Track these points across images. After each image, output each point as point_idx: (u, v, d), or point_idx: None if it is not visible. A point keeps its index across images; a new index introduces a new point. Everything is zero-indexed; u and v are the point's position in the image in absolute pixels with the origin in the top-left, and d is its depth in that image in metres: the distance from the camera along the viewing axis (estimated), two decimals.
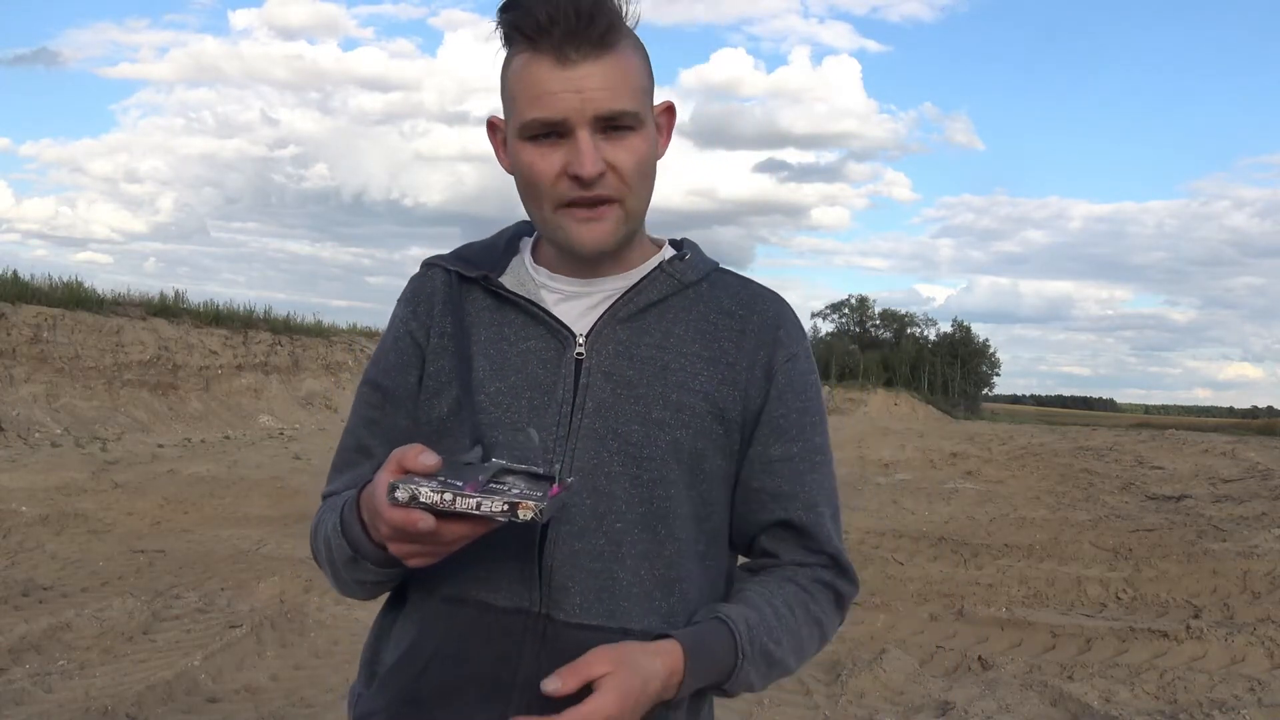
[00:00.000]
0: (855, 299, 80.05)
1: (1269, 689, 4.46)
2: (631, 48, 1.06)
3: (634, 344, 1.11)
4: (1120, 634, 5.33)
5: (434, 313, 1.15)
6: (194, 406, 17.44)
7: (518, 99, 1.04)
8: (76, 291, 17.35)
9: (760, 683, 1.09)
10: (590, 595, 1.06)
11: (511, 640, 1.06)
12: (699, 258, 1.18)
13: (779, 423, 1.13)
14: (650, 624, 1.07)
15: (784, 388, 1.13)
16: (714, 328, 1.13)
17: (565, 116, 1.01)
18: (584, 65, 1.01)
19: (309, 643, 4.72)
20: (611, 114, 1.02)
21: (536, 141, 1.04)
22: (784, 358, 1.14)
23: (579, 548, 1.06)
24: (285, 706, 3.91)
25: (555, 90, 1.01)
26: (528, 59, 1.02)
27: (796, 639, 1.10)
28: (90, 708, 3.71)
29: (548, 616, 1.06)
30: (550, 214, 1.06)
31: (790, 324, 1.17)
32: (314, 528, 1.15)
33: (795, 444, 1.13)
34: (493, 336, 1.12)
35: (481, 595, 1.07)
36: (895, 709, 4.18)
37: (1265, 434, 27.80)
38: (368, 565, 1.04)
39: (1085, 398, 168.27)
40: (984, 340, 79.29)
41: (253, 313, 21.32)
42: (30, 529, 7.14)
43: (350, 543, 1.04)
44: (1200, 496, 11.28)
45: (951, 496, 11.15)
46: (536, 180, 1.05)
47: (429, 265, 1.20)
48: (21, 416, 13.80)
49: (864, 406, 41.82)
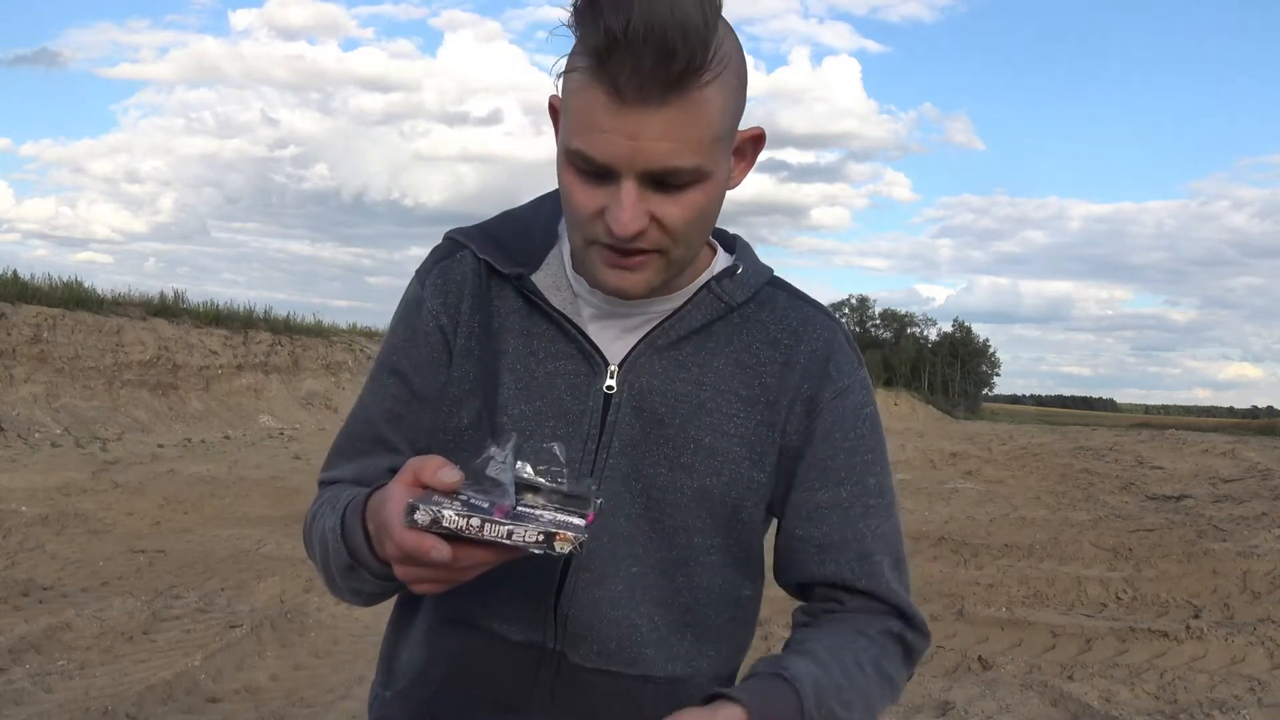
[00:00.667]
0: (855, 299, 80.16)
1: (1269, 689, 4.46)
2: (718, 85, 0.86)
3: (670, 378, 1.01)
4: (1120, 634, 5.33)
5: (462, 307, 1.04)
6: (194, 406, 17.44)
7: (570, 115, 0.89)
8: (76, 291, 17.35)
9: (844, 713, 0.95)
10: (610, 643, 1.01)
11: (526, 671, 1.02)
12: (750, 270, 1.05)
13: (825, 465, 1.02)
14: (672, 669, 1.02)
15: (830, 426, 1.02)
16: (756, 360, 1.03)
17: (611, 163, 0.87)
18: (644, 111, 0.84)
19: (309, 643, 4.71)
20: (665, 170, 0.87)
21: (579, 172, 0.90)
22: (831, 394, 1.02)
23: (599, 595, 1.00)
24: (285, 706, 3.91)
25: (606, 130, 0.85)
26: (587, 78, 0.85)
27: (867, 701, 0.97)
28: (90, 708, 3.70)
29: (563, 654, 1.01)
30: (581, 245, 0.95)
31: (841, 354, 1.05)
32: (309, 519, 1.05)
33: (844, 487, 1.03)
34: (520, 350, 1.02)
35: (493, 625, 1.02)
36: (895, 709, 4.18)
37: (1265, 434, 27.80)
38: (366, 576, 0.93)
39: (1085, 398, 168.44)
40: (984, 340, 79.39)
41: (253, 313, 21.32)
42: (30, 529, 7.14)
43: (350, 550, 0.93)
44: (1200, 496, 11.28)
45: (951, 496, 11.15)
46: (573, 207, 0.92)
47: (456, 244, 1.07)
48: (21, 416, 13.80)
49: None
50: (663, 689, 1.02)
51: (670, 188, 0.89)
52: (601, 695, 1.01)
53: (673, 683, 1.03)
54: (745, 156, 0.99)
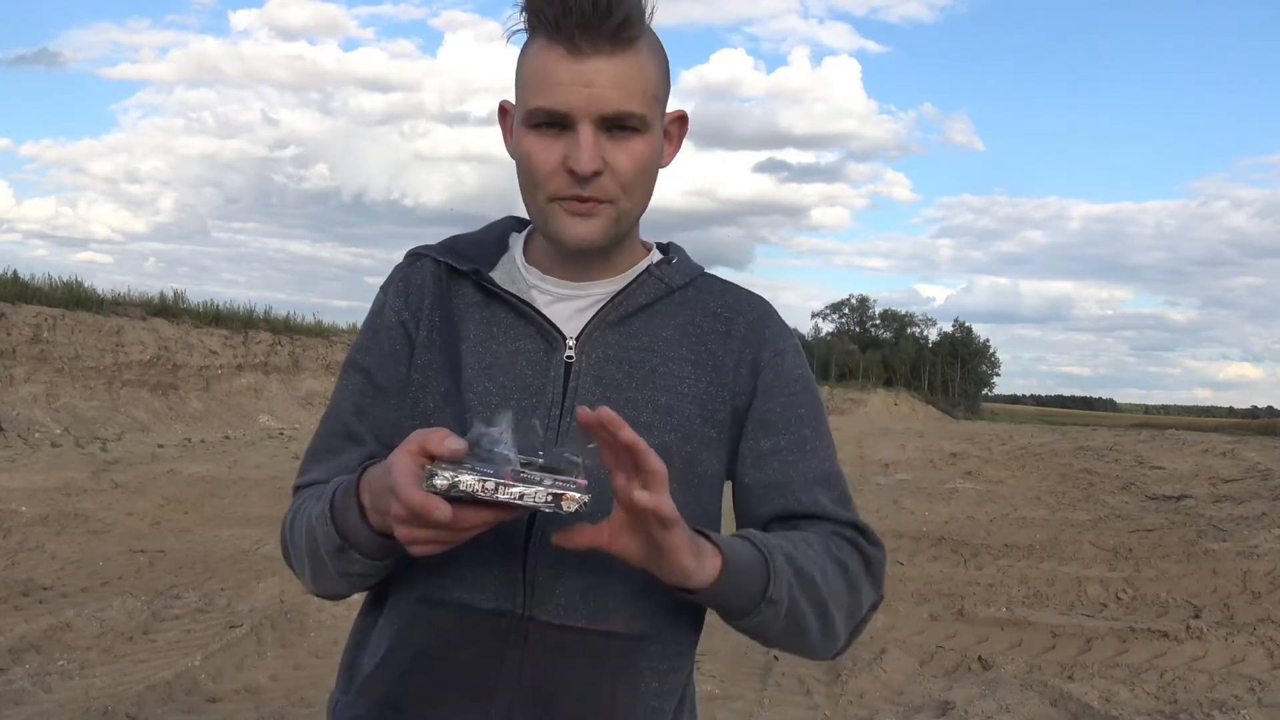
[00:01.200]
0: (855, 299, 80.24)
1: (1269, 689, 4.46)
2: (649, 49, 1.04)
3: (623, 348, 1.10)
4: (1120, 634, 5.33)
5: (424, 305, 1.13)
6: (194, 406, 17.44)
7: (527, 85, 1.03)
8: (76, 291, 17.35)
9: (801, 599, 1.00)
10: (575, 597, 1.04)
11: (494, 641, 1.04)
12: (685, 262, 1.18)
13: (764, 417, 1.12)
14: (636, 627, 1.06)
15: (770, 382, 1.13)
16: (700, 330, 1.13)
17: (569, 109, 1.00)
18: (595, 59, 0.99)
19: (309, 643, 4.72)
20: (617, 114, 1.01)
21: (539, 130, 1.02)
22: (770, 354, 1.14)
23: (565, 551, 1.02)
24: (285, 706, 3.91)
25: (564, 81, 1.00)
26: (542, 46, 1.01)
27: (820, 564, 1.04)
28: (90, 708, 3.70)
29: (531, 618, 1.04)
30: (543, 204, 1.05)
31: (775, 323, 1.17)
32: (289, 518, 1.10)
33: (783, 436, 1.12)
34: (482, 335, 1.11)
35: (462, 596, 1.05)
36: (895, 709, 4.18)
37: (1265, 434, 27.80)
38: (355, 555, 0.98)
39: (1085, 398, 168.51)
40: (984, 340, 79.41)
41: (253, 313, 21.33)
42: (30, 529, 7.14)
43: (339, 529, 0.98)
44: (1200, 496, 11.27)
45: (951, 496, 11.15)
46: (534, 169, 1.04)
47: (416, 255, 1.18)
48: (21, 416, 13.80)
49: (864, 406, 41.83)
50: (626, 646, 1.06)
51: (619, 133, 1.02)
52: (567, 657, 1.04)
53: (636, 640, 1.06)
54: (673, 139, 1.13)
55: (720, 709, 4.04)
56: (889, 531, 8.31)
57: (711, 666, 4.53)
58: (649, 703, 1.07)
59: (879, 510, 9.77)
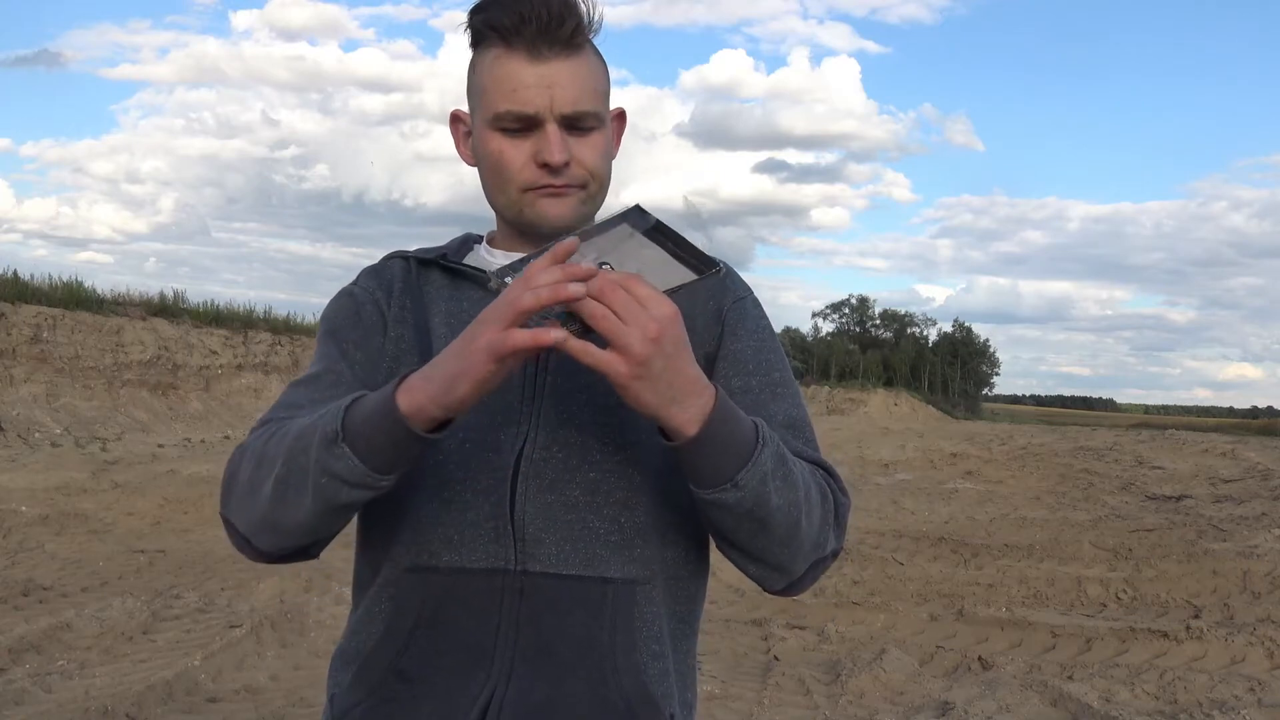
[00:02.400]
0: (855, 299, 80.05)
1: (1269, 689, 4.46)
2: (594, 53, 1.12)
3: None
4: (1120, 634, 5.33)
5: (394, 289, 1.18)
6: (194, 406, 17.45)
7: (489, 92, 1.09)
8: (76, 291, 17.35)
9: (774, 496, 0.98)
10: (566, 545, 1.06)
11: (489, 599, 1.05)
12: None
13: (735, 356, 1.16)
14: (629, 571, 1.08)
15: (735, 324, 1.17)
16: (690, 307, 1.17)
17: (536, 111, 1.07)
18: (554, 63, 1.07)
19: (309, 643, 4.72)
20: (577, 114, 1.09)
21: (507, 133, 1.09)
22: (731, 300, 1.18)
23: (552, 500, 1.06)
24: (285, 706, 3.91)
25: (528, 84, 1.07)
26: (500, 54, 1.08)
27: (805, 479, 1.04)
28: (90, 708, 3.70)
29: (524, 571, 1.05)
30: (517, 195, 1.11)
31: (735, 278, 1.22)
32: (261, 436, 1.04)
33: (754, 377, 1.15)
34: (452, 309, 1.15)
35: (453, 559, 1.06)
36: (895, 709, 4.17)
37: (1265, 434, 27.79)
38: (346, 452, 0.93)
39: (1085, 398, 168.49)
40: (984, 340, 79.31)
41: (253, 313, 21.33)
42: (30, 529, 7.14)
43: (345, 421, 0.94)
44: (1200, 496, 11.27)
45: (951, 496, 11.14)
46: (505, 166, 1.10)
47: (387, 257, 1.24)
48: (21, 416, 13.80)
49: (864, 406, 41.80)
50: (622, 590, 1.07)
51: (579, 130, 1.10)
52: (564, 606, 1.05)
53: (630, 584, 1.08)
54: (615, 134, 1.20)
55: (720, 709, 4.04)
56: (889, 531, 8.32)
57: (711, 666, 4.53)
58: (650, 646, 1.08)
59: (879, 510, 9.77)
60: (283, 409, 1.10)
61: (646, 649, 1.08)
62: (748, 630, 5.27)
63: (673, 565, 1.12)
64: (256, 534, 1.04)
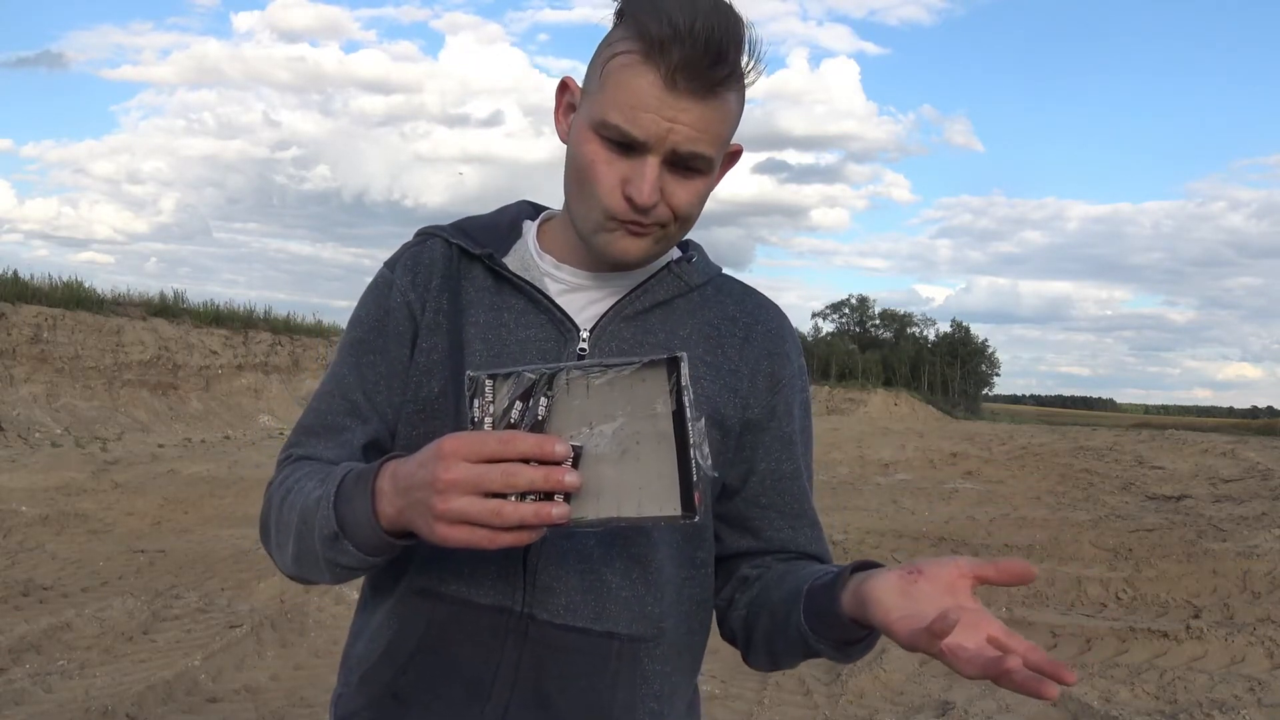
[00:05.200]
0: (855, 299, 79.93)
1: (1269, 689, 4.46)
2: (736, 96, 1.01)
3: (638, 343, 1.08)
4: (1120, 634, 5.32)
5: (431, 285, 1.09)
6: (194, 406, 17.44)
7: (608, 91, 0.98)
8: (77, 291, 17.35)
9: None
10: (576, 597, 1.03)
11: (492, 637, 1.03)
12: (704, 261, 1.16)
13: (788, 438, 1.13)
14: (636, 629, 1.05)
15: (790, 402, 1.13)
16: (718, 333, 1.11)
17: (646, 139, 0.97)
18: (687, 100, 0.96)
19: (309, 643, 4.71)
20: (689, 154, 0.98)
21: (607, 144, 0.99)
22: (789, 374, 1.13)
23: (566, 548, 1.03)
24: (285, 706, 3.91)
25: (649, 110, 0.96)
26: (637, 61, 0.96)
27: None
28: (90, 708, 3.70)
29: (530, 616, 1.03)
30: (600, 219, 1.02)
31: (793, 338, 1.17)
32: (279, 491, 1.04)
33: (800, 461, 1.14)
34: (491, 320, 1.07)
35: (460, 590, 1.04)
36: (895, 709, 4.17)
37: (1265, 434, 27.77)
38: (348, 546, 0.93)
39: (1085, 398, 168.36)
40: (983, 340, 79.19)
41: (253, 313, 21.33)
42: (30, 529, 7.14)
43: (339, 517, 0.93)
44: (1200, 496, 11.27)
45: (951, 496, 11.14)
46: (594, 179, 1.00)
47: (427, 234, 1.14)
48: (21, 416, 13.80)
49: (864, 406, 41.79)
50: (627, 647, 1.05)
51: (684, 171, 1.00)
52: (567, 656, 1.03)
53: (635, 641, 1.05)
54: (725, 166, 1.09)
55: (720, 709, 4.04)
56: (889, 531, 8.31)
57: (711, 666, 4.52)
58: (648, 704, 1.06)
59: (879, 510, 9.76)
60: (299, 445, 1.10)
61: (644, 707, 1.06)
62: None
63: (680, 625, 1.10)
64: (295, 578, 1.07)
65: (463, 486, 0.81)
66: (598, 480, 0.82)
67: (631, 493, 0.82)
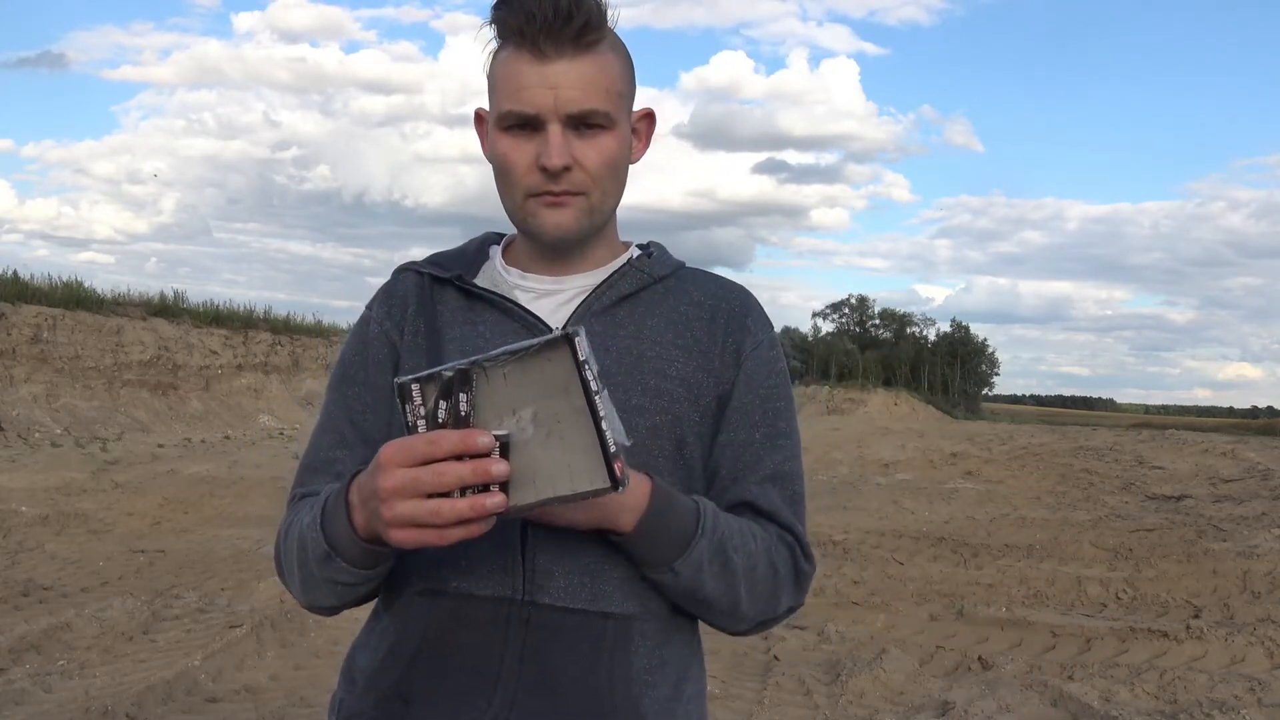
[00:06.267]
0: (855, 299, 79.94)
1: (1269, 689, 4.46)
2: (610, 49, 1.09)
3: (609, 336, 1.12)
4: (1120, 634, 5.33)
5: (407, 313, 1.16)
6: (194, 406, 17.45)
7: (497, 91, 1.08)
8: (77, 291, 17.36)
9: (710, 581, 1.05)
10: (574, 580, 1.06)
11: (495, 628, 1.06)
12: (665, 255, 1.21)
13: (745, 410, 1.15)
14: (628, 607, 1.08)
15: (751, 374, 1.15)
16: (685, 318, 1.16)
17: (538, 111, 1.05)
18: (559, 63, 1.05)
19: (309, 643, 4.72)
20: (582, 113, 1.06)
21: (511, 132, 1.08)
22: (751, 345, 1.16)
23: (565, 533, 1.05)
24: (285, 706, 3.91)
25: (531, 85, 1.05)
26: (510, 53, 1.07)
27: (751, 562, 1.08)
28: (90, 708, 3.70)
29: (531, 603, 1.06)
30: (520, 201, 1.10)
31: (756, 313, 1.19)
32: (283, 530, 1.13)
33: (758, 430, 1.15)
34: (467, 334, 1.13)
35: (461, 585, 1.07)
36: (895, 709, 4.17)
37: (1265, 434, 27.76)
38: (341, 563, 1.00)
39: (1085, 398, 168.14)
40: (983, 340, 79.16)
41: (253, 313, 21.35)
42: (30, 529, 7.14)
43: (328, 536, 1.00)
44: (1200, 496, 11.27)
45: (951, 496, 11.14)
46: (510, 169, 1.08)
47: (401, 270, 1.22)
48: (21, 416, 13.80)
49: (864, 406, 41.80)
50: (620, 625, 1.08)
51: (585, 130, 1.07)
52: (567, 639, 1.06)
53: (627, 620, 1.08)
54: (642, 136, 1.18)
55: (720, 709, 4.04)
56: (889, 531, 8.32)
57: (711, 666, 4.51)
58: (642, 678, 1.09)
59: (879, 510, 9.77)
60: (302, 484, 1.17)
61: (639, 680, 1.08)
62: None
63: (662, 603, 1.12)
64: (309, 608, 1.15)
65: (402, 492, 0.87)
66: (531, 465, 0.86)
67: (562, 471, 0.86)
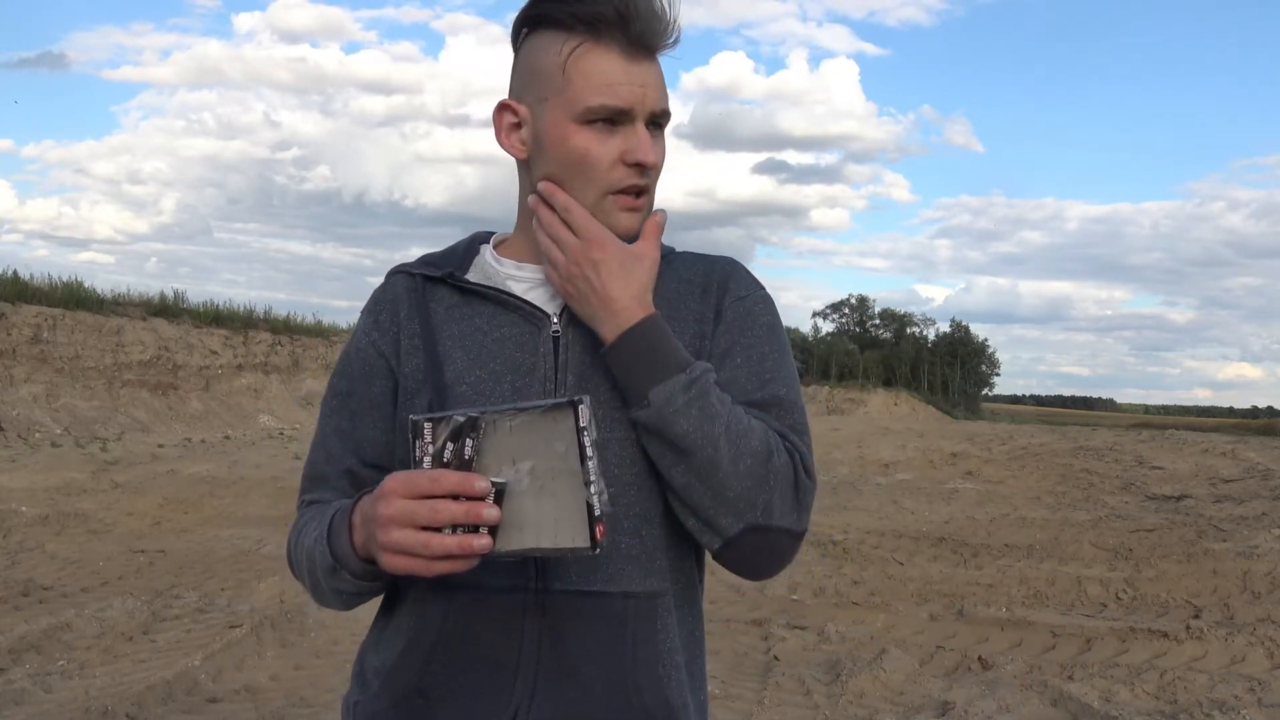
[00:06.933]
0: (855, 299, 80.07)
1: (1269, 689, 4.46)
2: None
3: None
4: (1120, 634, 5.33)
5: (400, 317, 1.16)
6: (194, 406, 17.45)
7: (576, 83, 1.07)
8: (77, 291, 17.37)
9: (685, 423, 1.01)
10: (589, 562, 1.06)
11: (512, 618, 1.06)
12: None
13: (728, 348, 1.14)
14: (649, 585, 1.08)
15: (730, 323, 1.15)
16: (677, 294, 1.16)
17: (631, 107, 1.08)
18: (646, 63, 1.09)
19: (309, 643, 4.72)
20: (662, 112, 1.11)
21: (594, 127, 1.08)
22: (730, 300, 1.16)
23: None
24: (285, 706, 3.91)
25: (624, 82, 1.07)
26: (588, 48, 1.07)
27: (740, 427, 1.04)
28: (90, 708, 3.70)
29: (545, 590, 1.06)
30: (598, 197, 1.10)
31: (740, 274, 1.19)
32: (295, 536, 1.16)
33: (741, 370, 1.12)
34: (465, 329, 1.13)
35: (474, 578, 1.03)
36: (895, 709, 4.17)
37: (1265, 434, 27.76)
38: (346, 576, 1.05)
39: (1085, 398, 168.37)
40: (983, 340, 79.23)
41: (253, 313, 21.36)
42: (30, 529, 7.15)
43: (333, 550, 1.04)
44: (1200, 496, 11.27)
45: (951, 496, 11.14)
46: (593, 163, 1.09)
47: (392, 273, 1.22)
48: (21, 416, 13.81)
49: (864, 406, 41.82)
50: (643, 604, 1.08)
51: (656, 130, 1.12)
52: (586, 623, 1.06)
53: (651, 597, 1.09)
54: None
55: (720, 709, 4.04)
56: (889, 531, 8.32)
57: (711, 666, 4.52)
58: (671, 658, 1.09)
59: (879, 510, 9.77)
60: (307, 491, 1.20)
61: (669, 660, 1.09)
62: (748, 630, 5.27)
63: (686, 574, 1.14)
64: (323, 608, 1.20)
65: (398, 521, 0.92)
66: (519, 514, 0.92)
67: (548, 525, 0.91)
